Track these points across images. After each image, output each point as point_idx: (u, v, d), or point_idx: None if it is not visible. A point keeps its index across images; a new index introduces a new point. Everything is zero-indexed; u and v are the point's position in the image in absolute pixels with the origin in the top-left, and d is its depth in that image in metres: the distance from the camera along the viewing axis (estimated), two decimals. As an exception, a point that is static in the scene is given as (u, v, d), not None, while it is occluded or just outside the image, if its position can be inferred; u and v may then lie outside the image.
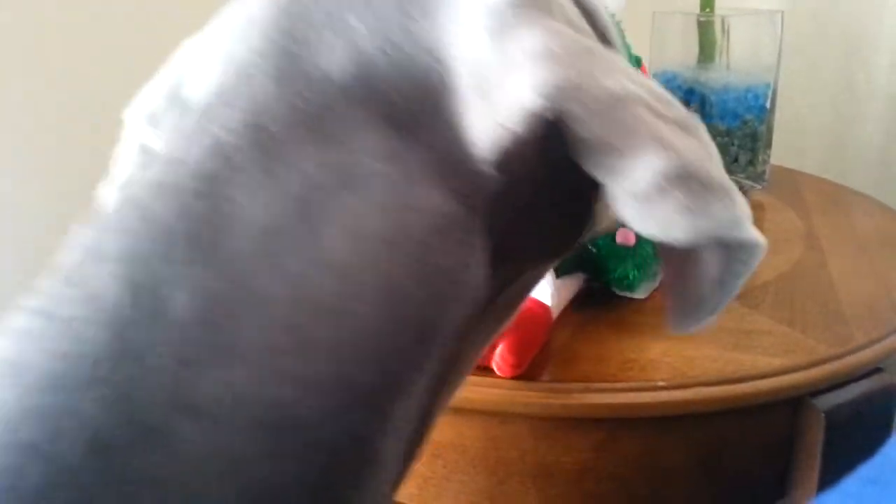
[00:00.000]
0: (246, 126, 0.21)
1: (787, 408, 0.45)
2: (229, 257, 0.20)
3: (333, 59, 0.22)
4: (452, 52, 0.22)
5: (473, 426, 0.45)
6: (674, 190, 0.20)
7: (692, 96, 0.73)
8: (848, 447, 0.44)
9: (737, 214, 0.21)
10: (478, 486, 0.47)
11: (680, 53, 0.73)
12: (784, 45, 0.74)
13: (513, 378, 0.45)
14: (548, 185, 0.24)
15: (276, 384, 0.19)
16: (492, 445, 0.46)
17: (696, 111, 0.73)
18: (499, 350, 0.45)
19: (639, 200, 0.20)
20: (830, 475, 0.44)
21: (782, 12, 0.73)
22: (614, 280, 0.53)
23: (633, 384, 0.44)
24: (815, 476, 0.44)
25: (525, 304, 0.47)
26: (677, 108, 0.22)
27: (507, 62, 0.21)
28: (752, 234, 0.22)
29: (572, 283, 0.53)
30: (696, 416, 0.44)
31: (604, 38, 0.28)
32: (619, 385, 0.44)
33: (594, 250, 0.53)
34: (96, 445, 0.18)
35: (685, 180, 0.20)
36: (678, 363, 0.46)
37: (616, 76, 0.21)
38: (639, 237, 0.53)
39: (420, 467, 0.48)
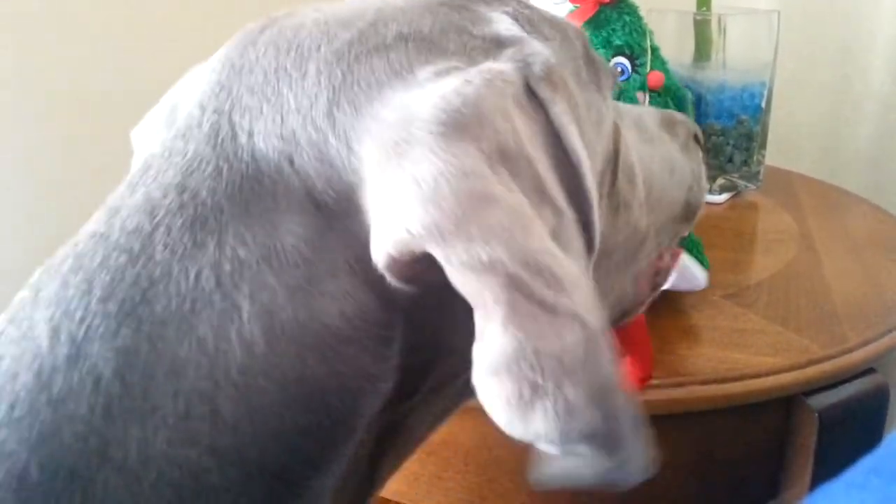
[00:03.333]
0: (175, 186, 0.22)
1: (781, 407, 0.45)
2: (147, 318, 0.21)
3: (260, 127, 0.22)
4: (367, 152, 0.21)
5: (465, 424, 0.45)
6: (502, 378, 0.18)
7: (687, 95, 0.73)
8: (841, 447, 0.43)
9: (553, 434, 0.19)
10: (469, 483, 0.46)
11: (676, 52, 0.73)
12: (779, 45, 0.74)
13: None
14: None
15: (188, 448, 0.20)
16: (483, 443, 0.45)
17: (691, 111, 0.73)
18: (624, 366, 0.42)
19: (478, 368, 0.19)
20: (823, 475, 0.44)
21: (778, 12, 0.73)
22: None
23: (626, 382, 0.44)
24: (807, 476, 0.44)
25: None
26: (552, 285, 0.19)
27: (396, 183, 0.20)
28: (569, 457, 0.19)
29: None
30: (689, 414, 0.44)
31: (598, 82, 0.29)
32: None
33: None
34: (16, 478, 0.19)
35: (515, 373, 0.18)
36: (672, 361, 0.46)
37: (493, 241, 0.19)
38: None
39: (411, 464, 0.48)
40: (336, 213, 0.22)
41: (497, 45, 0.25)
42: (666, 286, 0.48)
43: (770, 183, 0.79)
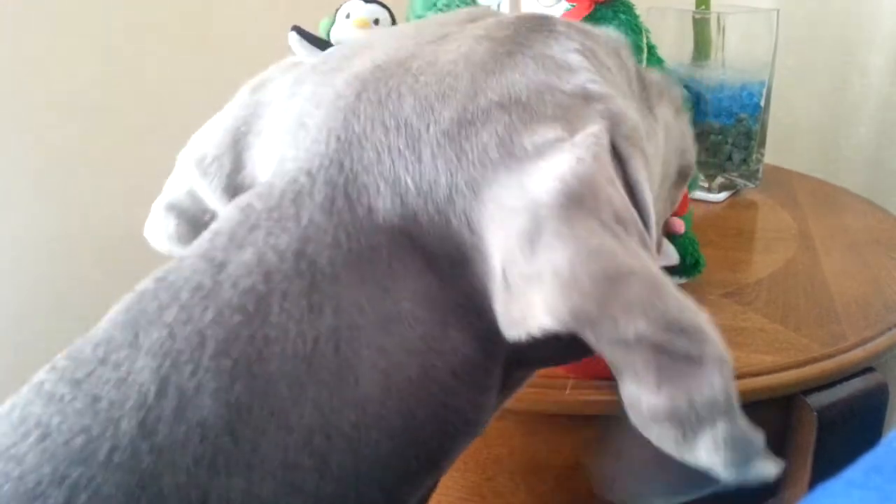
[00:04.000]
0: (293, 253, 0.23)
1: (780, 406, 0.45)
2: (262, 376, 0.21)
3: (380, 205, 0.23)
4: (489, 234, 0.23)
5: (463, 422, 0.45)
6: (665, 425, 0.21)
7: (687, 94, 0.73)
8: (840, 446, 0.43)
9: (721, 462, 0.22)
10: (467, 482, 0.46)
11: (675, 50, 0.73)
12: (778, 44, 0.73)
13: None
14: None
15: (291, 496, 0.21)
16: (482, 442, 0.45)
17: (690, 109, 0.73)
18: None
19: (639, 416, 0.21)
20: (822, 473, 0.43)
21: (778, 10, 0.73)
22: (687, 268, 0.53)
23: (624, 381, 0.44)
24: (806, 474, 0.44)
25: None
26: (694, 337, 0.21)
27: (532, 273, 0.21)
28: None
29: None
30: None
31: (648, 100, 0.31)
32: (610, 381, 0.44)
33: None
34: None
35: (676, 421, 0.21)
36: (670, 360, 0.46)
37: (635, 316, 0.21)
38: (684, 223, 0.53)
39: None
40: (449, 276, 0.23)
41: (585, 100, 0.26)
42: None
43: (769, 181, 0.79)
